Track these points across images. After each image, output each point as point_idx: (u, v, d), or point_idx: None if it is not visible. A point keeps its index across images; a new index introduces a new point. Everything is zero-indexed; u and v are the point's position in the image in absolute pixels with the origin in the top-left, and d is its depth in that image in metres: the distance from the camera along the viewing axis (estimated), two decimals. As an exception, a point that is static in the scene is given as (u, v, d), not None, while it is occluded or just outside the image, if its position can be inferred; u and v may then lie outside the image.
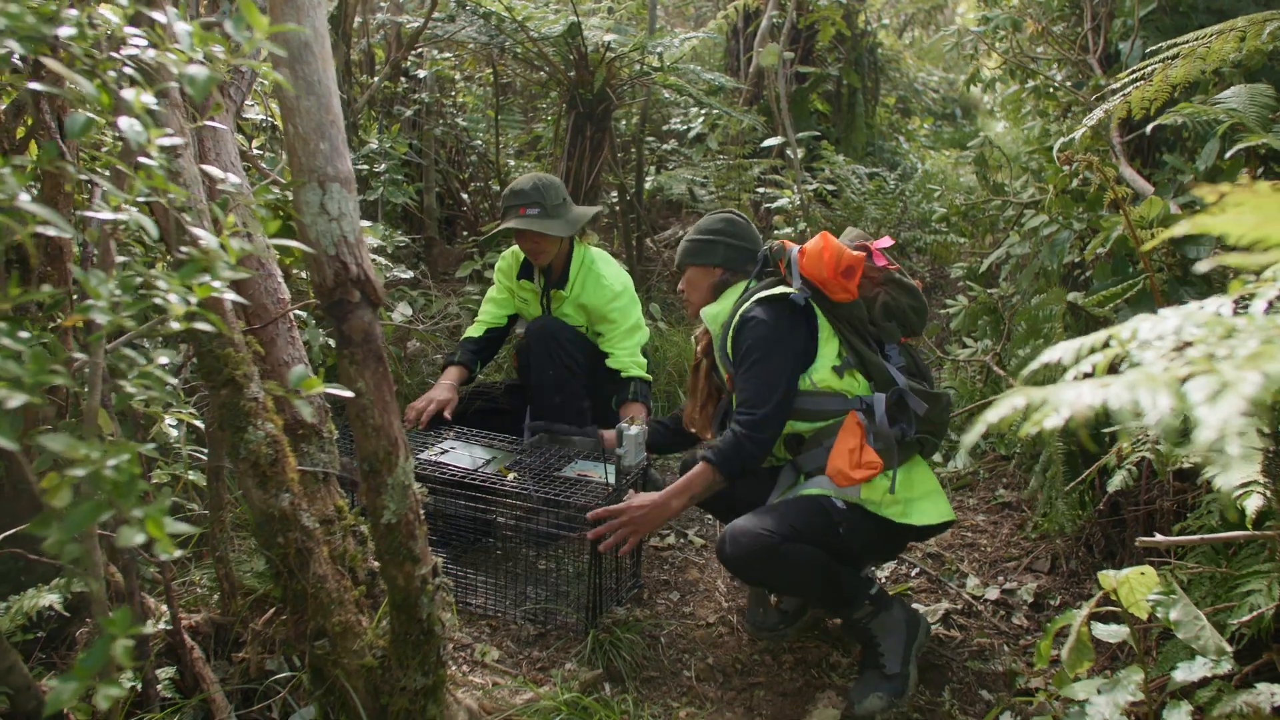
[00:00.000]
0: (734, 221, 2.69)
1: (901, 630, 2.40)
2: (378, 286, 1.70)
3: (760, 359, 2.42)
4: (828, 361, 2.43)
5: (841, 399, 2.43)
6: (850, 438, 2.36)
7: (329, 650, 1.84)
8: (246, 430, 1.80)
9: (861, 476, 2.32)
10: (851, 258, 2.40)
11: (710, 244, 2.65)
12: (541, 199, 3.29)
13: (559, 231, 3.28)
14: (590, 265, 3.44)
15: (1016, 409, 0.89)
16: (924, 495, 2.42)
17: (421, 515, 1.80)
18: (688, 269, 2.70)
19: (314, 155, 1.66)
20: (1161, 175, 3.32)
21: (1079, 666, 1.82)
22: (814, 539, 2.31)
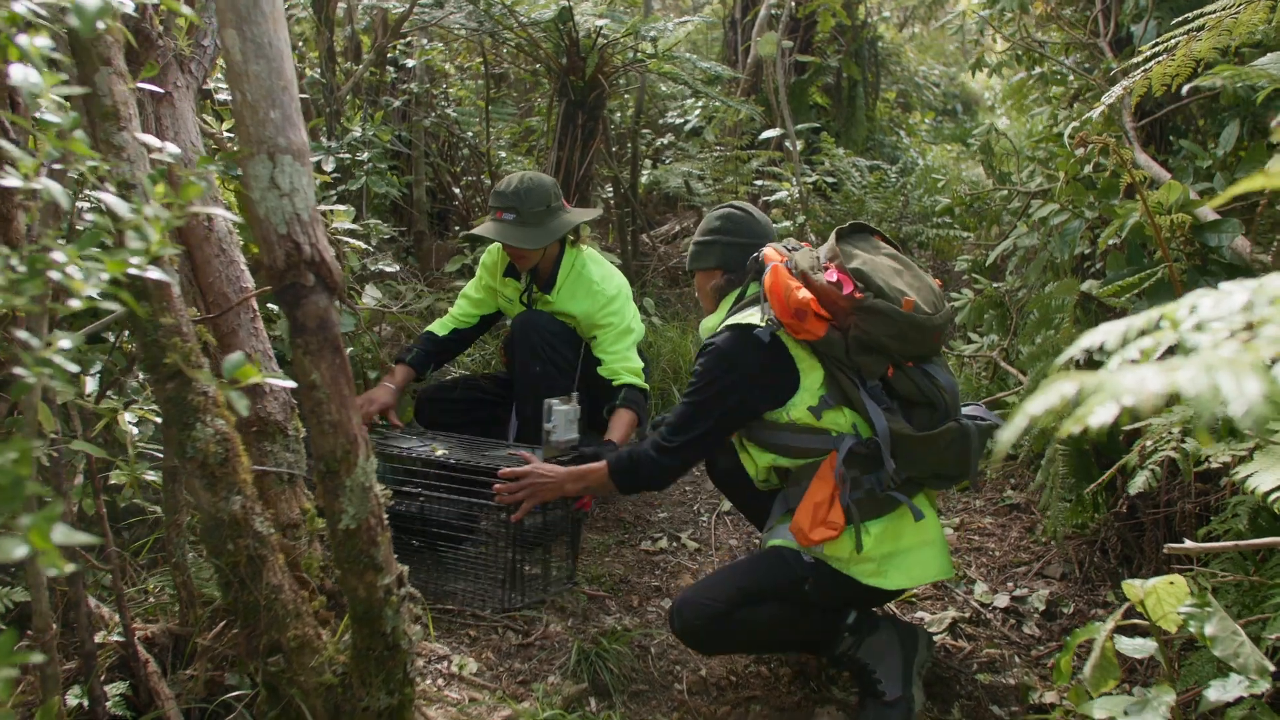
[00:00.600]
0: (731, 217, 2.45)
1: (895, 651, 2.21)
2: (334, 269, 1.54)
3: (697, 390, 2.25)
4: (807, 397, 2.18)
5: (824, 437, 2.18)
6: (821, 488, 2.13)
7: (284, 667, 1.69)
8: (194, 427, 1.65)
9: (819, 538, 2.10)
10: (798, 302, 2.11)
11: (707, 246, 2.45)
12: (519, 204, 3.06)
13: (529, 243, 3.05)
14: (581, 269, 3.21)
15: (1065, 397, 0.74)
16: (907, 550, 2.17)
17: (385, 520, 1.65)
18: (696, 274, 2.51)
19: (263, 124, 1.51)
20: (1177, 161, 3.17)
21: (1104, 685, 1.67)
22: (776, 596, 2.16)
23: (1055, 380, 0.77)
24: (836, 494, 2.11)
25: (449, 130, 5.66)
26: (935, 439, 2.15)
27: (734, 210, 2.47)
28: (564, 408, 2.74)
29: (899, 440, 2.13)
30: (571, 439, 2.77)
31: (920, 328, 2.13)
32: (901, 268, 2.25)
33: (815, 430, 2.18)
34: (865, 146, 7.56)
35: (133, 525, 2.57)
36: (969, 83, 12.61)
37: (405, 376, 3.21)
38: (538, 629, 2.55)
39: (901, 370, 2.19)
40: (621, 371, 3.15)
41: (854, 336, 2.14)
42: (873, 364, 2.15)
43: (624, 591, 2.81)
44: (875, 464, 2.15)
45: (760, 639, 2.24)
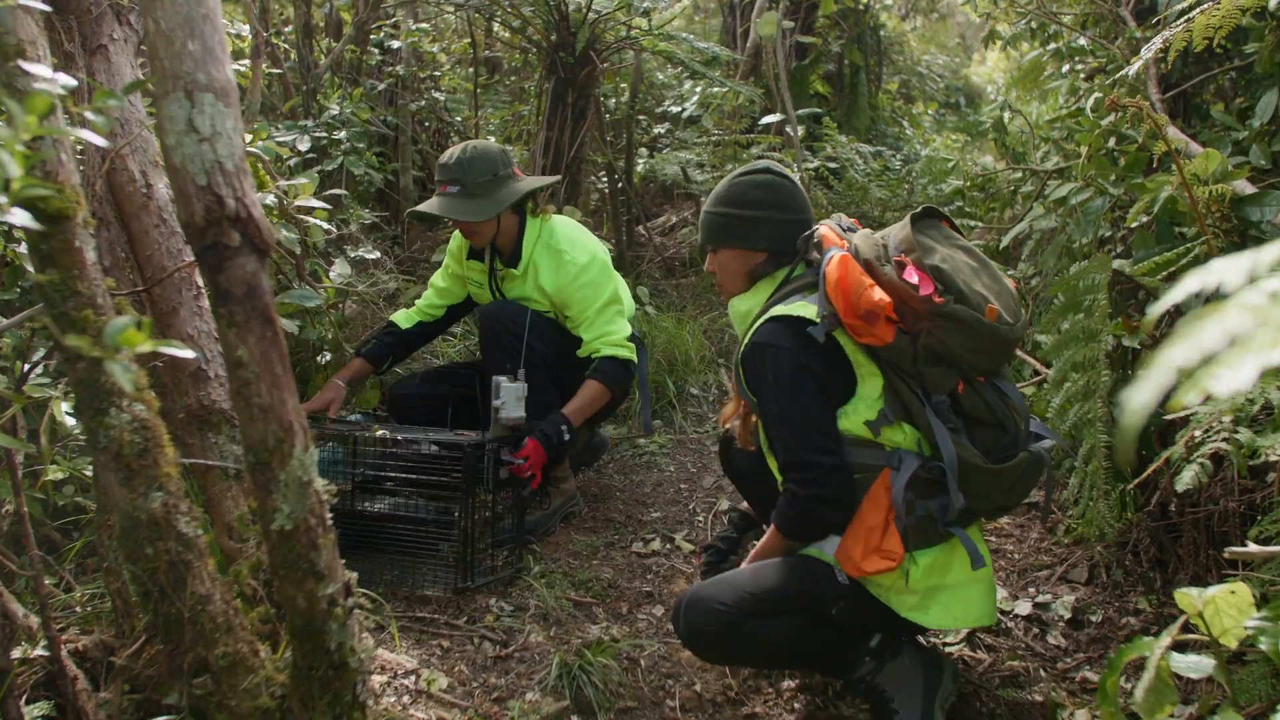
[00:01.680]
0: (777, 187, 2.07)
1: (917, 680, 1.95)
2: (264, 227, 1.32)
3: (774, 397, 1.93)
4: (864, 409, 1.90)
5: (878, 452, 1.90)
6: (874, 512, 1.86)
7: (213, 689, 1.47)
8: (107, 413, 1.43)
9: (873, 569, 1.84)
10: (873, 304, 1.82)
11: (752, 223, 2.06)
12: (463, 175, 2.79)
13: (474, 215, 2.79)
14: (548, 239, 2.93)
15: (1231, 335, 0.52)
16: (954, 586, 1.91)
17: (328, 520, 1.43)
18: (720, 251, 2.13)
19: (180, 58, 1.29)
20: (1210, 134, 2.95)
21: (1160, 712, 1.44)
22: (797, 611, 1.92)
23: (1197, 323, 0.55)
24: (891, 518, 1.85)
25: (438, 117, 5.44)
26: (1006, 473, 1.88)
27: (778, 179, 2.09)
28: (512, 385, 2.69)
29: (967, 470, 1.85)
30: (519, 416, 2.70)
31: (1002, 340, 1.86)
32: (979, 266, 1.97)
33: (869, 445, 1.90)
34: (868, 136, 7.34)
35: (72, 527, 2.36)
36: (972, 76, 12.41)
37: (359, 370, 2.99)
38: (517, 639, 2.33)
39: (972, 386, 1.92)
40: (599, 345, 2.90)
41: (925, 345, 1.85)
42: (942, 378, 1.88)
43: (612, 598, 2.59)
44: (935, 489, 1.87)
45: (771, 654, 1.99)
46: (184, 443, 1.91)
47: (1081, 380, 2.29)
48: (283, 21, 5.24)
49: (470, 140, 2.92)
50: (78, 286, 1.45)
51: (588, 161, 5.33)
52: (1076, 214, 2.92)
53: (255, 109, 3.09)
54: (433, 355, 4.03)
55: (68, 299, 1.44)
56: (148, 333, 1.04)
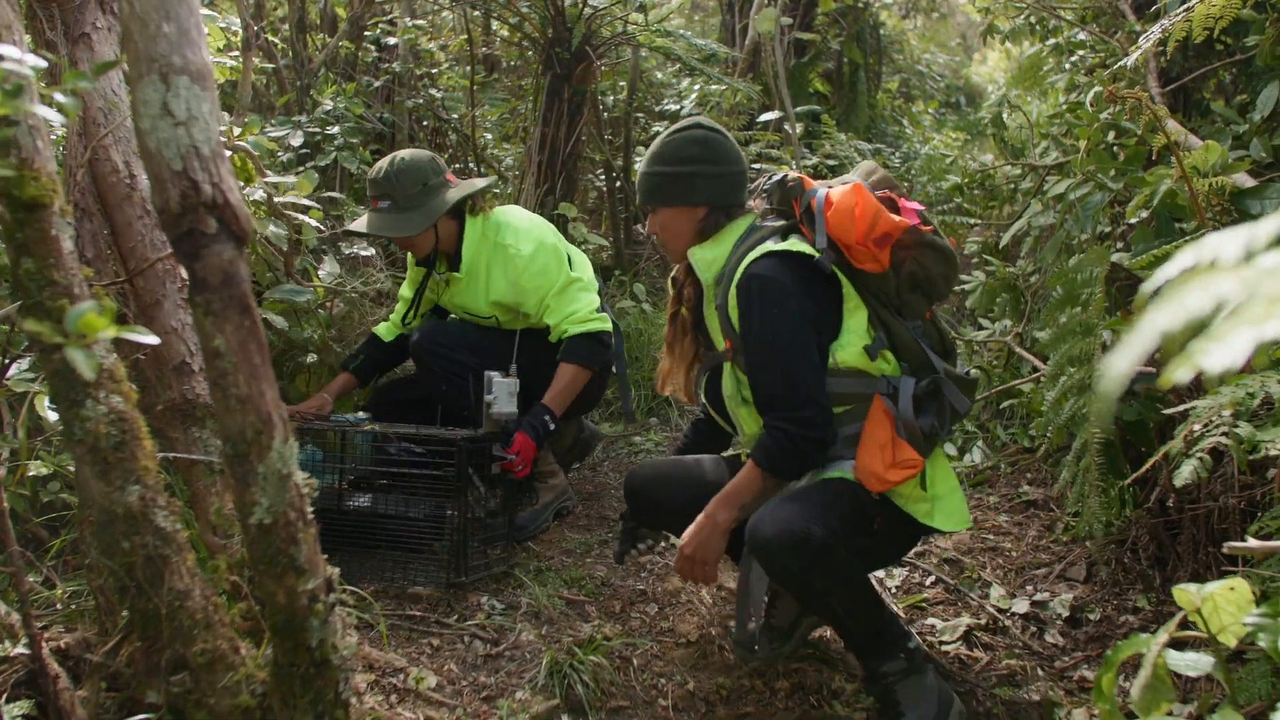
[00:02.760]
0: (709, 141, 2.09)
1: (933, 704, 1.94)
2: (241, 214, 1.30)
3: (764, 331, 1.93)
4: (857, 339, 1.97)
5: (866, 380, 1.98)
6: (879, 430, 1.92)
7: (191, 686, 1.44)
8: (83, 405, 1.40)
9: (897, 478, 1.89)
10: (889, 224, 1.92)
11: (687, 179, 2.08)
12: (392, 189, 2.73)
13: (404, 231, 2.74)
14: (493, 236, 2.86)
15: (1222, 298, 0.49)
16: (947, 494, 2.02)
17: (308, 514, 1.40)
18: (659, 210, 2.14)
19: (154, 40, 1.26)
20: (1210, 128, 2.92)
21: (1156, 710, 1.41)
22: (850, 537, 1.88)
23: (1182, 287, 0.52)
24: (895, 434, 1.92)
25: (435, 115, 5.42)
26: (974, 385, 2.08)
27: (710, 133, 2.11)
28: (504, 380, 2.69)
29: (951, 380, 2.02)
30: (511, 411, 2.69)
31: (958, 270, 2.06)
32: None
33: (862, 374, 1.97)
34: (867, 135, 7.32)
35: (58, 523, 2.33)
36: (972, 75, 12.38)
37: (347, 384, 2.97)
38: (508, 638, 2.30)
39: (934, 316, 2.09)
40: (565, 326, 2.85)
41: (909, 272, 1.98)
42: (919, 304, 2.02)
43: (605, 596, 2.56)
44: (930, 403, 1.98)
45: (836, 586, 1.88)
46: (167, 436, 1.88)
47: (1077, 375, 2.26)
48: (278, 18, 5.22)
49: (399, 151, 2.86)
50: (53, 275, 1.42)
51: (586, 159, 5.31)
52: (1075, 210, 2.89)
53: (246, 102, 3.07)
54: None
55: (43, 288, 1.41)
56: (110, 318, 1.01)
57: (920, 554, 2.76)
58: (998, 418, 3.47)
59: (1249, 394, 1.82)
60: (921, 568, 2.68)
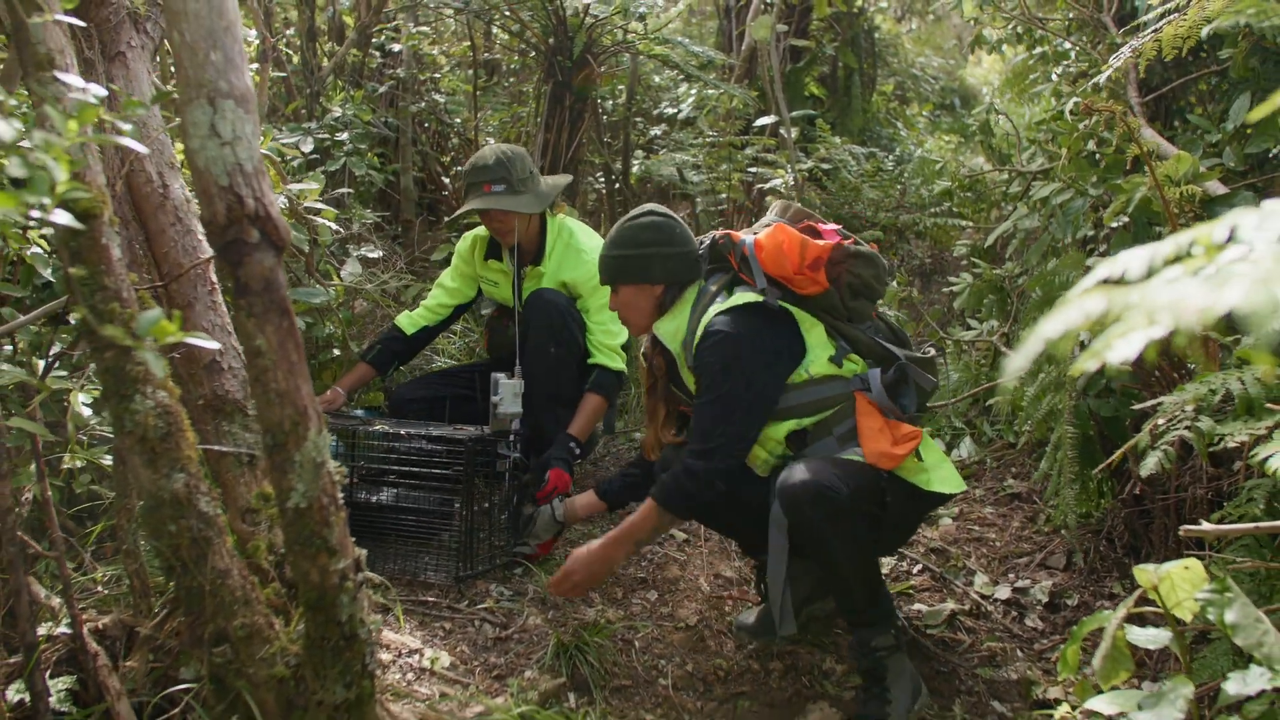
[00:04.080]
0: (660, 226, 2.31)
1: (909, 684, 2.11)
2: (281, 225, 1.42)
3: (716, 382, 2.13)
4: (823, 352, 2.20)
5: (841, 382, 2.20)
6: (870, 419, 2.13)
7: (231, 657, 1.57)
8: (133, 399, 1.52)
9: (905, 451, 2.09)
10: (817, 250, 2.16)
11: (643, 260, 2.29)
12: (507, 173, 2.97)
13: (528, 208, 2.99)
14: (569, 239, 3.15)
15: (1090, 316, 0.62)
16: (939, 463, 2.21)
17: (339, 499, 1.52)
18: (620, 289, 2.35)
19: (203, 67, 1.39)
20: (1185, 137, 3.06)
21: (1115, 678, 1.54)
22: (868, 499, 2.07)
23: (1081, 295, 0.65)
24: (884, 417, 2.13)
25: (438, 119, 5.54)
26: (933, 362, 2.30)
27: (662, 219, 2.33)
28: (510, 382, 2.83)
29: (914, 362, 2.23)
30: (516, 412, 2.83)
31: (886, 270, 2.28)
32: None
33: (835, 378, 2.19)
34: (862, 139, 7.44)
35: (89, 515, 2.45)
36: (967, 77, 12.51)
37: (363, 375, 3.10)
38: (516, 621, 2.43)
39: (879, 313, 2.33)
40: (601, 347, 3.07)
41: (848, 283, 2.20)
42: (864, 307, 2.25)
43: (608, 583, 2.69)
44: (900, 388, 2.19)
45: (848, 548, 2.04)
46: (199, 430, 2.00)
47: (1053, 372, 2.39)
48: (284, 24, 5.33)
49: (496, 145, 3.08)
50: (105, 281, 1.54)
51: (585, 162, 5.43)
52: (1058, 214, 3.02)
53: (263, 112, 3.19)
54: (435, 352, 4.12)
55: (95, 292, 1.53)
56: (178, 324, 1.14)
57: (908, 544, 2.89)
58: (984, 414, 3.60)
59: (1211, 390, 1.95)
60: (909, 556, 2.81)
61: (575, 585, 2.23)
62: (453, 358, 4.09)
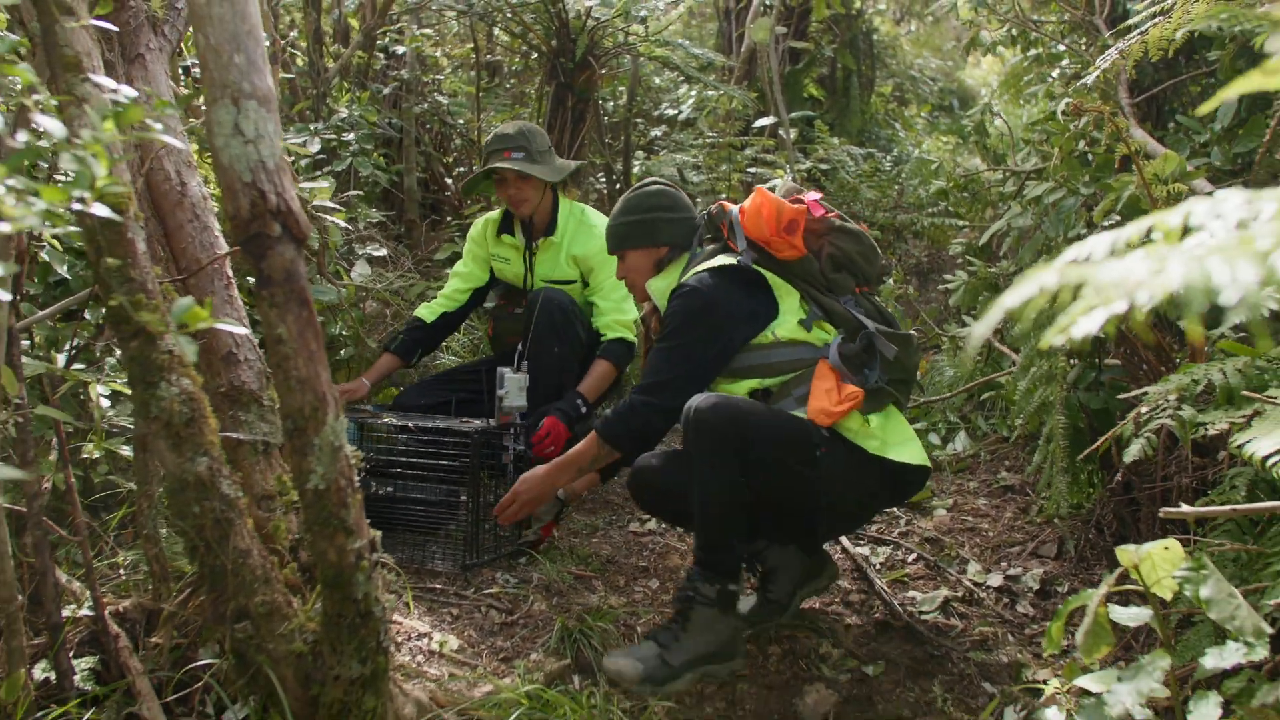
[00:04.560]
0: (665, 193, 2.52)
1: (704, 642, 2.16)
2: (301, 219, 1.49)
3: (675, 330, 2.27)
4: (792, 316, 2.30)
5: (810, 348, 2.29)
6: (824, 380, 2.22)
7: (252, 634, 1.64)
8: (158, 386, 1.59)
9: (844, 410, 2.17)
10: (792, 212, 2.27)
11: (650, 224, 2.47)
12: (526, 143, 3.15)
13: (546, 176, 3.15)
14: (580, 215, 3.30)
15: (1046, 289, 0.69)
16: (901, 441, 2.29)
17: (355, 483, 1.59)
18: (627, 254, 2.52)
19: (227, 69, 1.46)
20: (1174, 137, 3.13)
21: (1097, 652, 1.62)
22: (791, 452, 2.16)
23: (1033, 272, 0.72)
24: (839, 380, 2.20)
25: (441, 120, 5.61)
26: (910, 339, 2.35)
27: (664, 186, 2.53)
28: (515, 375, 2.88)
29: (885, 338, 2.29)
30: (521, 405, 2.88)
31: (877, 252, 2.38)
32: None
33: (801, 343, 2.27)
34: (860, 140, 7.52)
35: (107, 502, 2.52)
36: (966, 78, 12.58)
37: (389, 366, 3.18)
38: (522, 607, 2.50)
39: (864, 293, 2.38)
40: (614, 324, 3.19)
41: (829, 255, 2.32)
42: (844, 281, 2.33)
43: (610, 572, 2.76)
44: (866, 359, 2.26)
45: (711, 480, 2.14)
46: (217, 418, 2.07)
47: (1045, 366, 2.46)
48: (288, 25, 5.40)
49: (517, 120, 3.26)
50: (131, 273, 1.61)
51: (587, 163, 5.50)
52: (1051, 213, 3.09)
53: (273, 113, 3.26)
54: (442, 351, 4.18)
55: (122, 284, 1.61)
56: (209, 311, 1.21)
57: (903, 534, 2.97)
58: (979, 409, 3.67)
59: (1194, 380, 2.02)
60: (904, 546, 2.88)
61: (521, 505, 2.43)
62: (457, 354, 4.16)
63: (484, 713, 1.95)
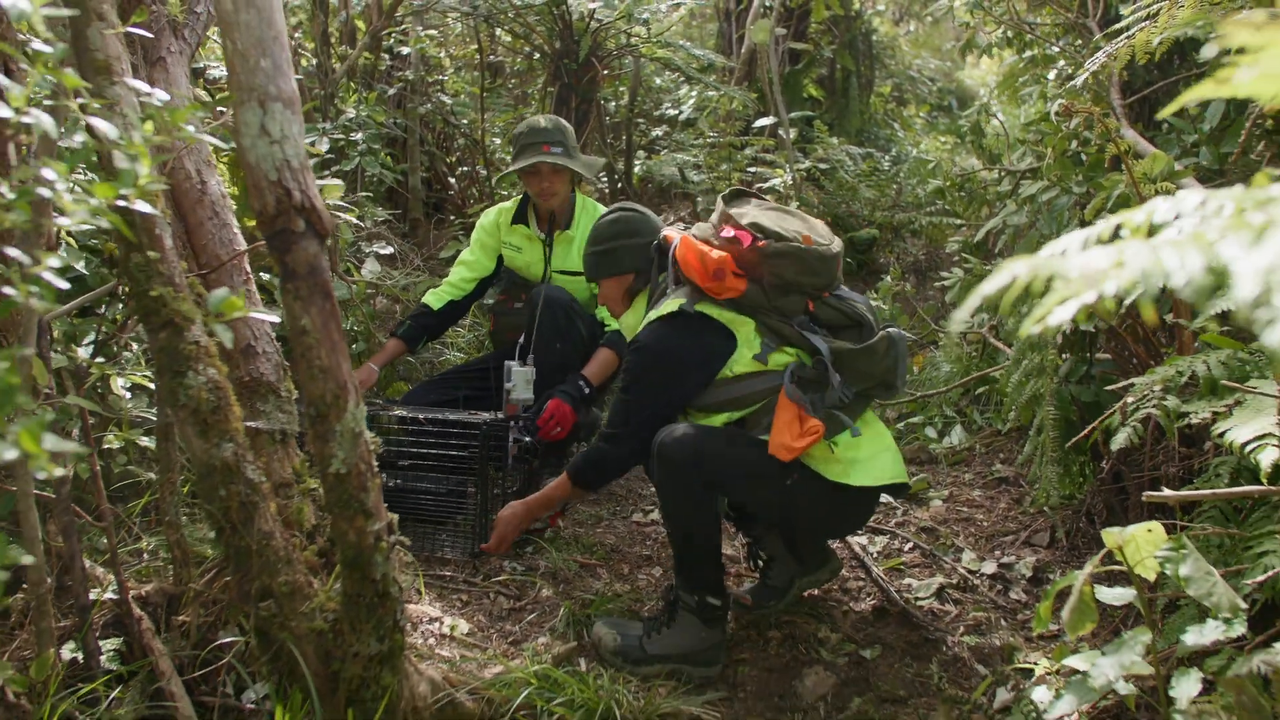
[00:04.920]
0: (623, 219, 2.56)
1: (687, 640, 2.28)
2: (324, 215, 1.57)
3: (630, 385, 2.35)
4: (748, 350, 2.31)
5: (771, 376, 2.31)
6: (785, 411, 2.22)
7: (275, 612, 1.71)
8: (186, 375, 1.67)
9: (804, 444, 2.18)
10: (715, 262, 2.27)
11: (610, 253, 2.54)
12: (563, 138, 3.25)
13: (583, 170, 3.26)
14: (594, 211, 3.39)
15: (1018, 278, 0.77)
16: (871, 456, 2.30)
17: (375, 467, 1.67)
18: (600, 283, 2.60)
19: (254, 73, 1.53)
20: (1163, 137, 3.20)
21: (1081, 628, 1.69)
22: (761, 482, 2.25)
23: (1008, 263, 0.79)
24: (801, 412, 2.21)
25: (444, 120, 5.68)
26: (874, 349, 2.31)
27: (624, 212, 2.58)
28: (522, 369, 2.98)
29: (842, 356, 2.30)
30: (527, 398, 2.99)
31: (823, 258, 2.30)
32: (786, 214, 2.42)
33: (762, 374, 2.30)
34: (859, 138, 7.59)
35: (124, 491, 2.59)
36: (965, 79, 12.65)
37: (395, 351, 3.26)
38: (529, 593, 2.58)
39: (821, 302, 2.37)
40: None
41: (770, 281, 2.29)
42: (793, 303, 2.32)
43: (615, 560, 2.84)
44: (821, 383, 2.27)
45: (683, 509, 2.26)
46: (237, 409, 2.15)
47: (1036, 359, 2.54)
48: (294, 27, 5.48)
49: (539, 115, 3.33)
50: (159, 267, 1.69)
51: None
52: (1044, 211, 3.17)
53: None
54: (444, 345, 4.26)
55: (150, 278, 1.68)
56: (243, 301, 1.28)
57: (900, 524, 3.04)
58: (974, 403, 3.75)
59: (1178, 372, 2.09)
60: (901, 535, 2.96)
61: (502, 537, 2.52)
62: (461, 350, 4.24)
63: (495, 692, 2.03)
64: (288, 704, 1.75)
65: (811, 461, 2.26)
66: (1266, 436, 1.75)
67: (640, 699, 2.08)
